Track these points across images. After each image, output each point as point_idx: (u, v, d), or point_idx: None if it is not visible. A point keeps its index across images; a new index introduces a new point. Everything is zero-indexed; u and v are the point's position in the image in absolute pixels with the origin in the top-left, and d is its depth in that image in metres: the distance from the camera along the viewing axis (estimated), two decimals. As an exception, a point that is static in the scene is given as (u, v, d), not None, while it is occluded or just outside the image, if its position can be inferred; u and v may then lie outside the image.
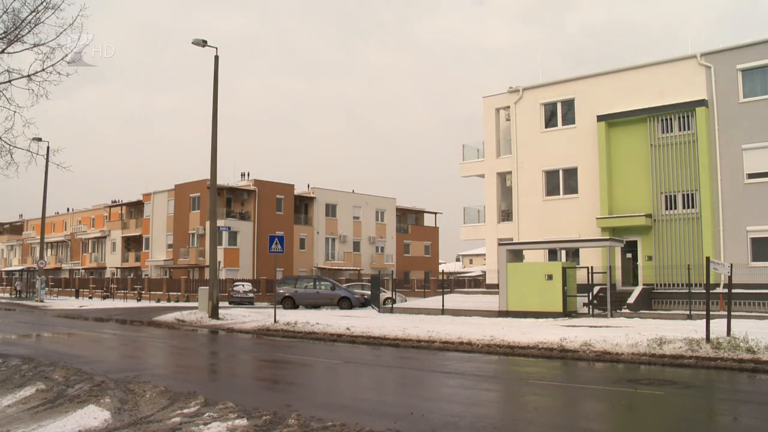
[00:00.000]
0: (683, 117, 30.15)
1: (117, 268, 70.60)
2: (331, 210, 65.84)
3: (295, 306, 37.08)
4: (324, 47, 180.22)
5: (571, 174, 33.12)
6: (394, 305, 33.85)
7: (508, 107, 35.98)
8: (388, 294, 37.47)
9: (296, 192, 63.25)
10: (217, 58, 27.47)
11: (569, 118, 33.56)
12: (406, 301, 39.59)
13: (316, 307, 37.11)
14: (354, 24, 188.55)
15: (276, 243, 25.24)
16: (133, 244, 69.67)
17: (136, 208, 70.04)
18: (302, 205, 64.42)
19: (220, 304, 28.99)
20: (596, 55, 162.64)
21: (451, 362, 15.50)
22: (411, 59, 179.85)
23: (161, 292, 52.27)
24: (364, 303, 37.53)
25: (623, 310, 26.74)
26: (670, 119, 30.46)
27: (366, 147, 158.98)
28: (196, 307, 29.56)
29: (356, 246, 67.64)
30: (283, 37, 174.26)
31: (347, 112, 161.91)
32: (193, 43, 26.37)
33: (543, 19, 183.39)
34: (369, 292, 38.34)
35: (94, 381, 11.21)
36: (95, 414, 8.71)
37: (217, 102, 27.76)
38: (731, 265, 16.40)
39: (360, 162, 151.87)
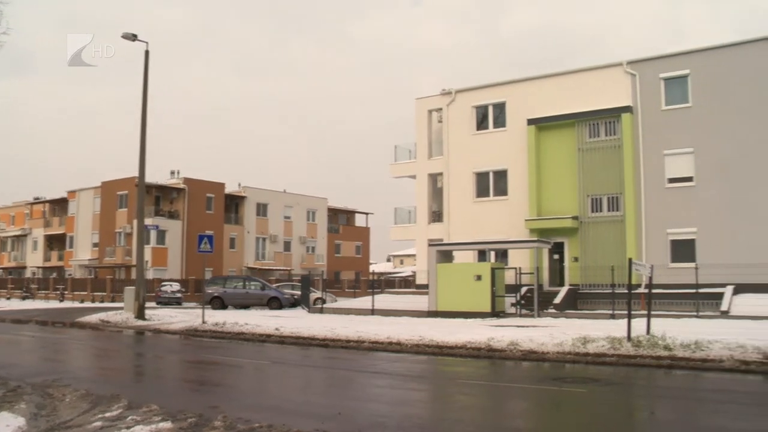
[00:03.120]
0: (609, 122, 31.01)
1: (39, 267, 68.29)
2: (262, 209, 65.24)
3: (224, 306, 36.60)
4: (258, 44, 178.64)
5: (501, 176, 33.64)
6: (324, 305, 33.76)
7: (441, 109, 36.31)
8: (319, 294, 37.35)
9: (227, 191, 62.43)
10: (147, 53, 26.84)
11: (500, 121, 34.08)
12: (336, 301, 39.52)
13: (246, 307, 36.71)
14: (288, 21, 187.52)
15: (205, 242, 24.85)
16: (56, 242, 67.50)
17: (60, 205, 67.86)
18: (233, 204, 63.63)
19: (148, 304, 28.38)
20: (528, 60, 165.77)
21: (380, 362, 15.56)
22: (346, 58, 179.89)
23: (85, 293, 50.86)
24: (294, 303, 37.31)
25: (550, 310, 27.29)
26: (597, 124, 31.29)
27: (299, 146, 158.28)
28: (121, 308, 28.84)
29: (287, 246, 67.21)
30: (216, 32, 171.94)
31: (281, 110, 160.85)
32: (122, 37, 25.68)
33: (477, 22, 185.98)
34: (299, 293, 38.16)
35: (9, 386, 10.77)
36: (8, 421, 8.30)
37: (146, 98, 27.13)
38: (652, 266, 16.94)
39: (293, 161, 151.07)
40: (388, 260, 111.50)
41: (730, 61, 28.77)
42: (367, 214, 78.35)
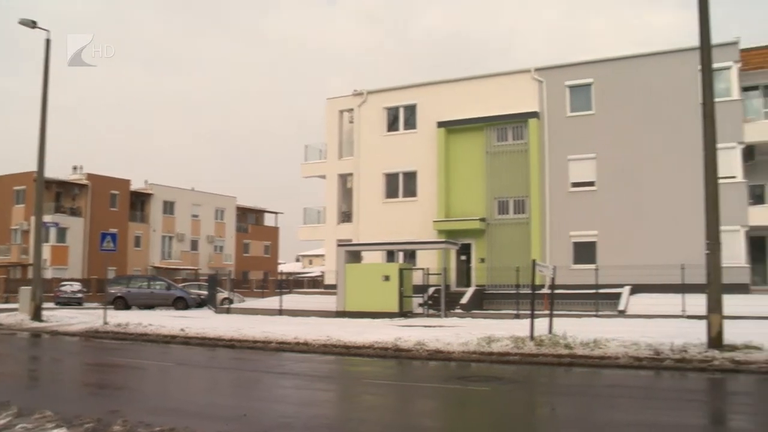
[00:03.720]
0: (517, 127, 31.79)
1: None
2: (169, 207, 63.76)
3: (127, 306, 35.50)
4: (168, 38, 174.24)
5: (410, 177, 33.96)
6: (232, 305, 33.26)
7: (352, 110, 36.37)
8: (226, 294, 36.79)
9: (133, 188, 60.72)
10: (48, 41, 25.68)
11: (411, 123, 34.42)
12: (244, 301, 39.02)
13: (150, 307, 35.73)
14: (199, 16, 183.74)
15: (108, 240, 24.02)
16: (-54, 239, 63.92)
17: (-51, 200, 64.29)
18: (139, 201, 61.93)
19: (46, 305, 27.22)
20: (439, 63, 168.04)
21: (287, 363, 15.41)
22: (257, 55, 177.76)
23: (-25, 293, 48.35)
24: (200, 303, 36.56)
25: (456, 310, 27.69)
26: (505, 129, 32.04)
27: (209, 144, 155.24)
28: (16, 309, 27.50)
29: (194, 245, 65.92)
30: (124, 23, 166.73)
31: (190, 106, 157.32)
32: (20, 23, 24.38)
33: (390, 24, 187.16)
34: (206, 293, 37.46)
35: None
36: None
37: (47, 89, 25.89)
38: (554, 267, 17.42)
39: (201, 159, 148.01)
40: (298, 260, 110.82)
41: (631, 71, 30.02)
42: (276, 213, 77.73)
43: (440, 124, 32.96)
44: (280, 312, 29.23)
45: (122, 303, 35.62)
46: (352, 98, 36.21)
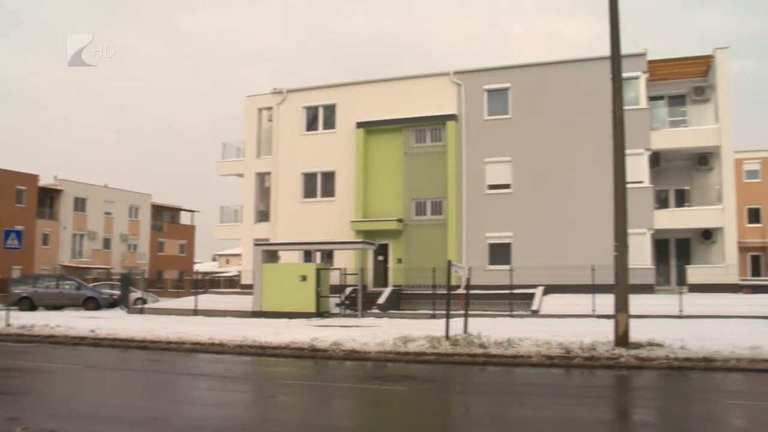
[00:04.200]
0: (435, 129, 32.17)
1: None
2: (80, 204, 61.61)
3: (33, 307, 34.09)
4: (82, 29, 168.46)
5: (329, 177, 33.91)
6: (145, 306, 32.43)
7: (271, 108, 36.04)
8: (139, 294, 35.79)
9: (41, 183, 58.34)
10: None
11: (330, 123, 34.37)
12: (158, 301, 38.06)
13: (59, 308, 34.43)
14: (117, 6, 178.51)
15: (12, 238, 23.05)
16: None
17: None
18: (48, 198, 59.58)
19: (-59, 305, 25.80)
20: (362, 63, 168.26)
21: (201, 364, 15.15)
22: (177, 51, 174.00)
23: None
24: (112, 304, 35.47)
25: (373, 310, 27.82)
26: (424, 130, 32.38)
27: (124, 140, 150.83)
28: None
29: (107, 243, 63.95)
30: (35, 12, 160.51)
31: (103, 101, 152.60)
32: None
33: (313, 23, 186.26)
34: (119, 292, 36.40)
35: None
36: None
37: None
38: (470, 268, 17.72)
39: (115, 155, 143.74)
40: (214, 260, 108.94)
41: (546, 78, 30.86)
42: (192, 212, 76.22)
43: (359, 125, 33.05)
44: (195, 312, 28.71)
45: (28, 304, 34.19)
46: (272, 96, 35.89)
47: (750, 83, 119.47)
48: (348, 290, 29.26)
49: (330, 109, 34.47)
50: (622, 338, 14.28)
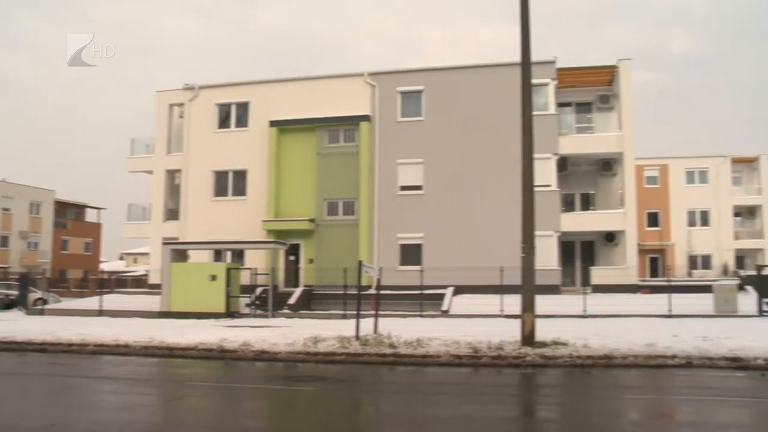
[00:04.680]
0: (349, 130, 32.19)
1: None
2: (-25, 200, 58.76)
3: None
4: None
5: (241, 176, 33.42)
6: (46, 306, 31.21)
7: (183, 104, 35.23)
8: (39, 294, 34.36)
9: (-68, 177, 55.37)
10: None
11: (243, 121, 33.86)
12: (60, 301, 36.56)
13: (-51, 309, 32.70)
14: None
15: None
16: None
17: None
18: (-62, 193, 56.59)
19: None
20: (277, 61, 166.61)
21: (105, 366, 14.67)
22: (89, 43, 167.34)
23: None
24: (9, 304, 33.87)
25: (284, 311, 27.62)
26: (337, 130, 32.35)
27: (25, 133, 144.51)
28: None
29: (4, 241, 61.09)
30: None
31: (8, 91, 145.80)
32: None
33: (228, 19, 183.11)
34: (16, 293, 34.82)
35: None
36: None
37: None
38: (381, 268, 17.80)
39: (16, 148, 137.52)
40: (121, 258, 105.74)
41: (459, 81, 31.37)
42: (99, 209, 73.63)
43: (272, 123, 32.71)
44: (101, 312, 27.81)
45: None
46: (183, 92, 35.07)
47: (652, 94, 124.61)
48: (259, 290, 28.94)
49: (243, 107, 33.96)
50: (528, 337, 14.63)
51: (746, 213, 51.96)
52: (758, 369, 12.77)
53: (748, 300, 25.23)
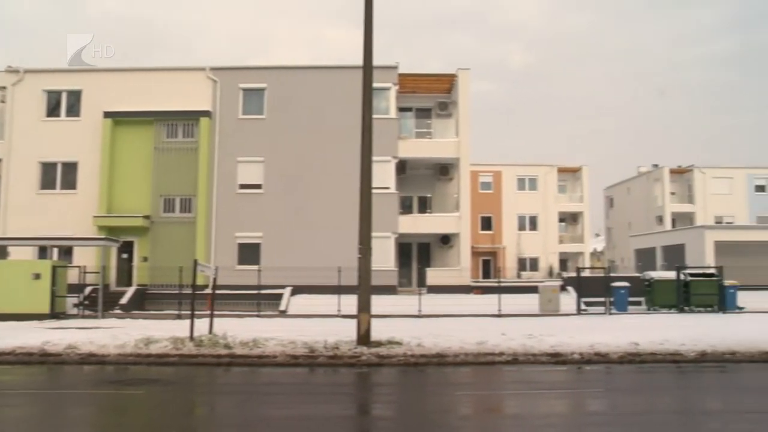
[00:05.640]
0: (188, 125, 31.27)
1: None
2: None
3: None
4: None
5: (71, 168, 31.51)
6: None
7: (5, 88, 32.70)
8: None
9: None
10: None
11: (75, 110, 31.91)
12: None
13: None
14: None
15: None
16: None
17: None
18: None
19: None
20: (116, 49, 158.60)
21: None
22: None
23: None
24: None
25: (116, 311, 26.46)
26: (176, 125, 31.32)
27: None
28: None
29: None
30: None
31: None
32: None
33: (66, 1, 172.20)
34: None
35: None
36: None
37: None
38: (217, 267, 17.49)
39: None
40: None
41: (303, 81, 31.36)
42: None
43: (107, 114, 31.11)
44: None
45: None
46: (6, 75, 32.46)
47: (490, 103, 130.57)
48: (88, 290, 27.47)
49: (75, 95, 32.02)
50: (364, 337, 14.87)
51: (569, 219, 55.83)
52: (576, 363, 13.76)
53: (569, 300, 27.05)
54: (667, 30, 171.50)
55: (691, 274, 26.61)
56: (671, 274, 26.99)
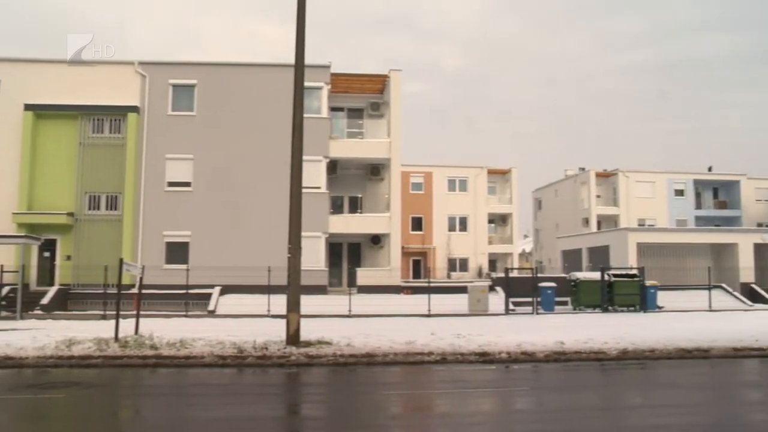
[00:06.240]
0: (115, 120, 30.53)
1: None
2: None
3: None
4: None
5: (-11, 164, 30.38)
6: None
7: None
8: None
9: None
10: None
11: (-8, 103, 30.78)
12: None
13: None
14: None
15: None
16: None
17: None
18: None
19: None
20: (37, 39, 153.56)
21: None
22: None
23: None
24: None
25: (36, 312, 25.66)
26: (103, 120, 30.54)
27: None
28: None
29: None
30: None
31: None
32: None
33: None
34: None
35: None
36: None
37: None
38: (143, 266, 17.12)
39: None
40: None
41: (234, 78, 31.00)
42: None
43: (28, 107, 30.04)
44: None
45: None
46: None
47: (422, 105, 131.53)
48: (6, 289, 26.50)
49: (-7, 87, 30.86)
50: (293, 337, 14.80)
51: (499, 220, 56.74)
52: (503, 362, 14.00)
53: (498, 300, 27.53)
54: (594, 38, 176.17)
55: (615, 275, 27.45)
56: (596, 275, 27.77)
